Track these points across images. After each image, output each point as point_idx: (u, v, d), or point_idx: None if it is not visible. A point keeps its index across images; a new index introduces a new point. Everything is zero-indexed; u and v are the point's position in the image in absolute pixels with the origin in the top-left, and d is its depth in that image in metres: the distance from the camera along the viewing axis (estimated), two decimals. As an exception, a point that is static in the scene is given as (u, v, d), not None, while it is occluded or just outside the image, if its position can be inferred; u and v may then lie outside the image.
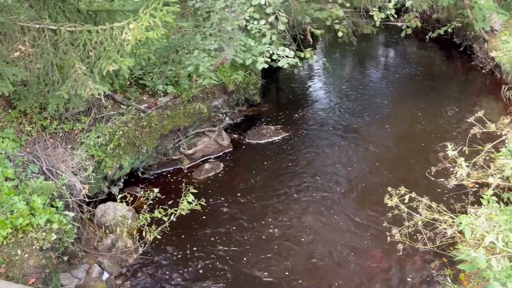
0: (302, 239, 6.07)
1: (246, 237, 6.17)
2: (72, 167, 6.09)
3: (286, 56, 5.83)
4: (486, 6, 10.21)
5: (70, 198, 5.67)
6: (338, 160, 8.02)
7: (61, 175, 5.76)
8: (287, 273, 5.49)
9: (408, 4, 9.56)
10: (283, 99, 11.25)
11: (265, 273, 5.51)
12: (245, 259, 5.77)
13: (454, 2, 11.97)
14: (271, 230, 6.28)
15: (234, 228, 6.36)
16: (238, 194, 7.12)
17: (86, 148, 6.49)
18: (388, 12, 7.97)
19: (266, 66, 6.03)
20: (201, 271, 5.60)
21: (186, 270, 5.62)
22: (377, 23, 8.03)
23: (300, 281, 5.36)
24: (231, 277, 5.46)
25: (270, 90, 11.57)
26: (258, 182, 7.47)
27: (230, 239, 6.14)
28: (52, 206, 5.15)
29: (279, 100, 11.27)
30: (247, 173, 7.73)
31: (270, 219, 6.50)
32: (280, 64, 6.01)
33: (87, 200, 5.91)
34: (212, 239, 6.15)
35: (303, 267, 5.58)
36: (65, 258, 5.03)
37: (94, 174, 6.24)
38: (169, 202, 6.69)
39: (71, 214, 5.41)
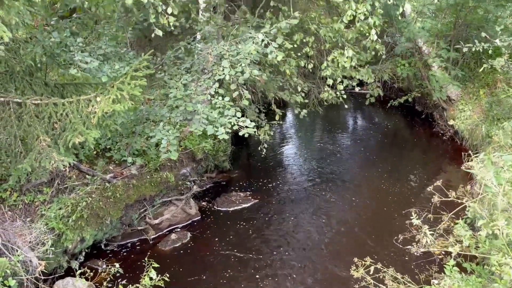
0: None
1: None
2: (30, 242, 5.82)
3: (246, 127, 6.09)
4: (441, 78, 10.94)
5: (25, 275, 5.37)
6: (307, 228, 7.98)
7: (17, 250, 5.49)
8: None
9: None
10: (254, 165, 11.33)
11: None
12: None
13: (413, 73, 12.78)
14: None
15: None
16: (204, 266, 6.91)
17: (46, 220, 6.26)
18: (348, 83, 8.55)
19: (226, 137, 6.22)
20: None
21: None
22: (339, 98, 8.62)
23: None
24: None
25: (240, 157, 11.68)
26: (226, 251, 7.30)
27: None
28: (4, 285, 4.86)
29: (250, 166, 11.34)
30: (214, 243, 7.56)
31: (237, 293, 6.30)
32: (240, 134, 6.26)
33: (43, 277, 5.60)
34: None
35: None
36: None
37: (53, 249, 5.97)
38: (133, 276, 6.40)
39: (25, 293, 5.12)
